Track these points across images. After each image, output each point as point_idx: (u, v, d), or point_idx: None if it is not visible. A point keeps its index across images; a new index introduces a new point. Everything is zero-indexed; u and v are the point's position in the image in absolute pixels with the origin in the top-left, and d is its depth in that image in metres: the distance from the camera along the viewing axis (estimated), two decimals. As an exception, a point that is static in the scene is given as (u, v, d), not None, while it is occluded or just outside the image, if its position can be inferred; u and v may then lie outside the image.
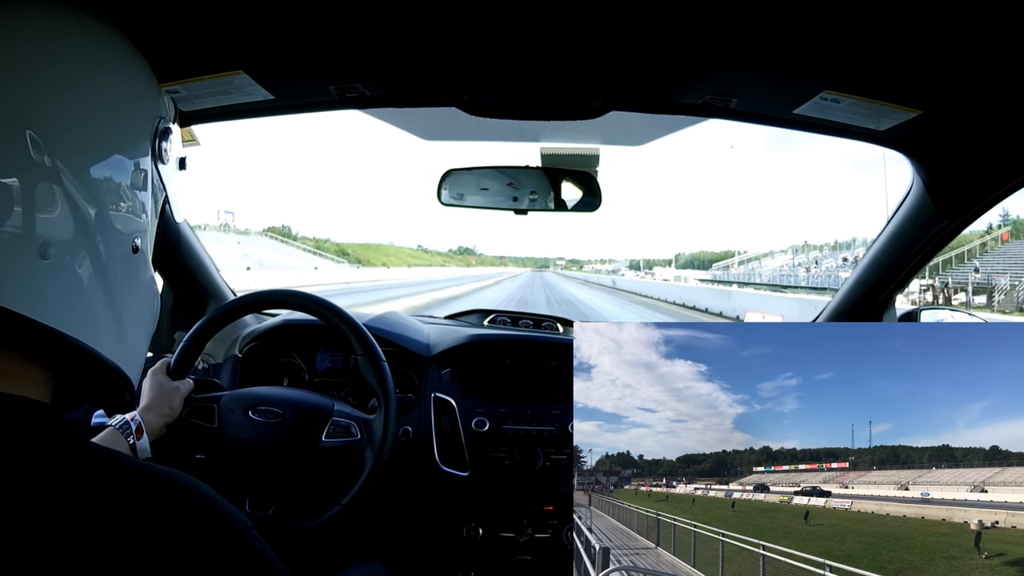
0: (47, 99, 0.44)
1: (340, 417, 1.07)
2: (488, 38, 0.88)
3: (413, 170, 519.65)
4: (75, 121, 0.46)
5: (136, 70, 0.53)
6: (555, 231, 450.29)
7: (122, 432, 0.92)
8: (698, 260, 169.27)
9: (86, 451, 0.43)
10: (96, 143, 0.48)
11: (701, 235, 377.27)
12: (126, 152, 0.51)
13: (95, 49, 0.49)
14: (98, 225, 0.47)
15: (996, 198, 1.12)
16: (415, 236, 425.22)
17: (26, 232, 0.42)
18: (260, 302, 1.18)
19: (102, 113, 0.49)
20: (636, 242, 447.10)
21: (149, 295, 0.56)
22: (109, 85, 0.50)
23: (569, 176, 1.33)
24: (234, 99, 1.06)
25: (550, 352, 1.46)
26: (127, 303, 0.51)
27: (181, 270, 1.44)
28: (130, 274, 0.52)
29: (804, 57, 0.88)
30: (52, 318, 0.43)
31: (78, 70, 0.47)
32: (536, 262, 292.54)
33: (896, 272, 1.41)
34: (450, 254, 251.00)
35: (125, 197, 0.50)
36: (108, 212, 0.48)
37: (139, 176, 0.52)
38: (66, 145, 0.44)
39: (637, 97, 1.07)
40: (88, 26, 0.49)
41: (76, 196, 0.45)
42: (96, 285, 0.47)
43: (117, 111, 0.50)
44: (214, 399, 1.07)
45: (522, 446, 1.32)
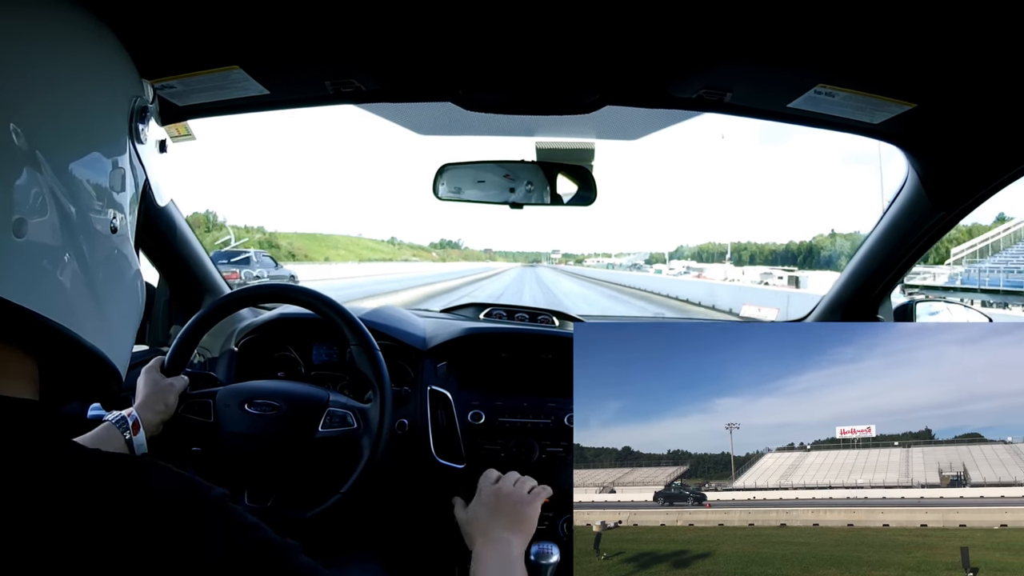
0: (14, 76, 0.43)
1: (336, 407, 1.08)
2: (483, 32, 0.88)
3: (389, 161, 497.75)
4: (46, 97, 0.45)
5: (109, 47, 0.52)
6: (548, 223, 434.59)
7: (118, 427, 0.92)
8: (705, 252, 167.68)
9: (70, 454, 0.43)
10: (68, 119, 0.47)
11: (704, 227, 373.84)
12: (100, 128, 0.50)
13: (62, 26, 0.48)
14: (75, 206, 0.46)
15: (991, 190, 1.12)
16: (389, 228, 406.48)
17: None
18: (254, 296, 1.18)
19: (74, 87, 0.47)
20: (635, 234, 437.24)
21: (131, 280, 0.55)
22: (79, 59, 0.49)
23: (564, 170, 1.33)
24: (229, 94, 1.06)
25: (546, 345, 1.47)
26: (108, 288, 0.50)
27: (177, 263, 1.44)
28: (111, 257, 0.50)
29: (798, 50, 0.88)
30: (30, 301, 0.42)
31: (43, 47, 0.46)
32: (527, 256, 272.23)
33: (891, 265, 1.42)
34: (430, 248, 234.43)
35: (100, 175, 0.49)
36: (83, 191, 0.47)
37: (114, 153, 0.51)
38: (37, 123, 0.44)
39: (632, 91, 1.07)
40: (59, 7, 0.48)
41: (50, 174, 0.44)
42: (75, 267, 0.46)
43: (89, 86, 0.49)
44: (210, 394, 1.07)
45: (518, 439, 1.33)
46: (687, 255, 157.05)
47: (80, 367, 0.50)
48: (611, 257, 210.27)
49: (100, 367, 0.50)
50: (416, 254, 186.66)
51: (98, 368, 0.50)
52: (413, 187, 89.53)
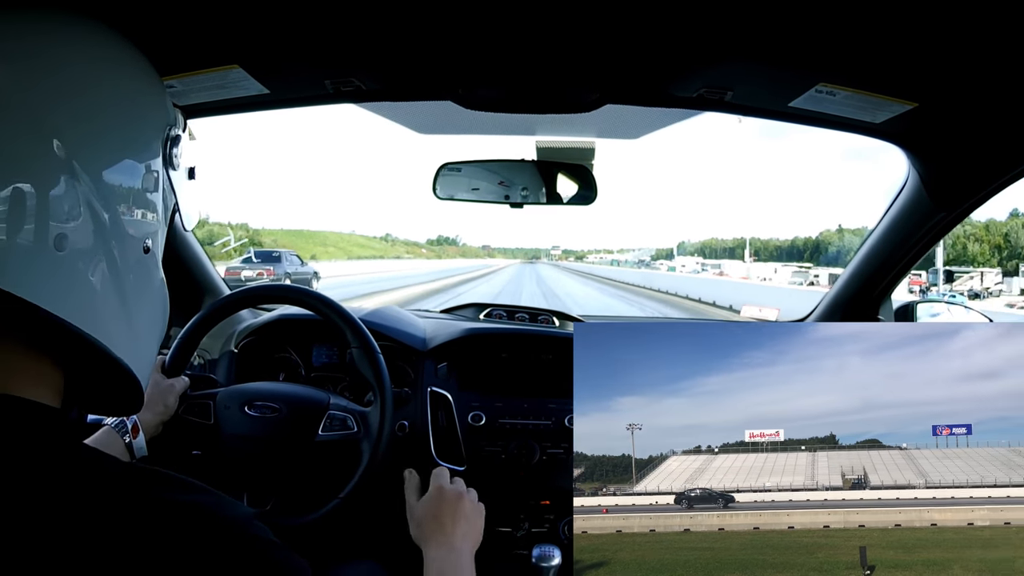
0: (66, 104, 0.45)
1: (336, 410, 1.07)
2: (483, 31, 0.87)
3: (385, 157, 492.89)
4: (92, 125, 0.47)
5: (147, 76, 0.55)
6: (548, 220, 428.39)
7: (118, 431, 0.92)
8: (709, 248, 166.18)
9: (87, 460, 0.44)
10: (111, 147, 0.49)
11: (706, 223, 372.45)
12: (139, 155, 0.53)
13: (108, 56, 0.51)
14: (112, 225, 0.48)
15: (992, 191, 1.12)
16: (385, 225, 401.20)
17: (41, 225, 0.43)
18: (254, 297, 1.18)
19: (117, 117, 0.50)
20: (635, 231, 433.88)
21: (160, 297, 0.58)
22: (124, 90, 0.51)
23: (564, 169, 1.33)
24: (229, 93, 1.06)
25: (547, 346, 1.46)
26: (139, 304, 0.52)
27: (177, 265, 1.44)
28: (142, 275, 0.53)
29: (799, 49, 0.88)
30: (65, 313, 0.44)
31: (95, 77, 0.49)
32: (526, 253, 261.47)
33: (892, 265, 1.41)
34: (427, 245, 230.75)
35: (138, 199, 0.52)
36: (122, 213, 0.49)
37: (151, 179, 0.54)
38: (83, 148, 0.46)
39: (633, 90, 1.07)
40: (99, 34, 0.51)
41: (91, 196, 0.46)
42: (109, 283, 0.48)
43: (131, 115, 0.52)
44: (210, 396, 1.07)
45: (519, 440, 1.32)
46: (690, 251, 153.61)
47: (105, 380, 0.52)
48: (613, 253, 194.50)
49: (124, 379, 0.52)
50: (410, 251, 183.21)
51: (122, 380, 0.52)
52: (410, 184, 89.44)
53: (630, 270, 70.14)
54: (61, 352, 0.48)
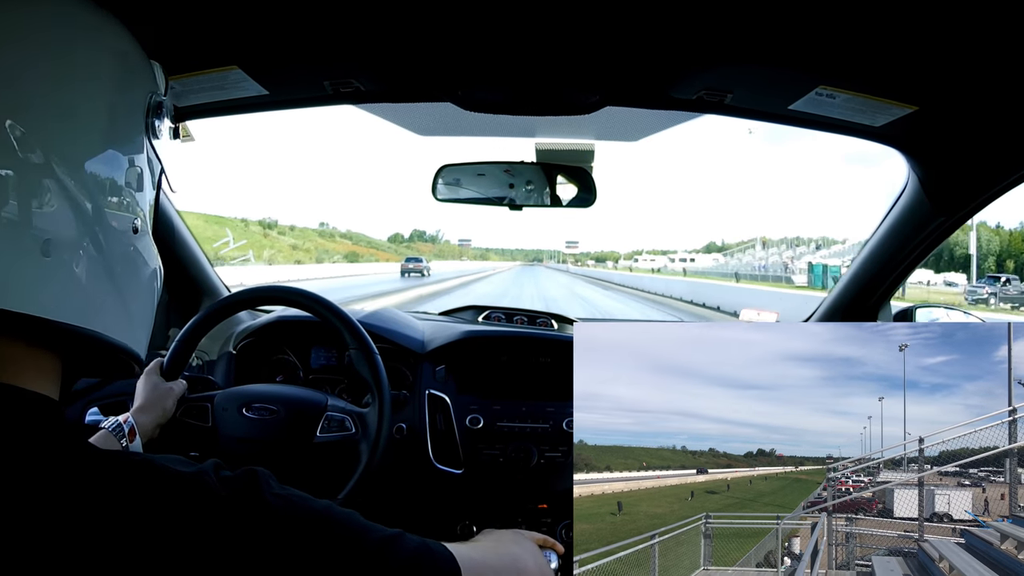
0: (34, 88, 0.42)
1: (334, 412, 1.07)
2: (483, 33, 0.87)
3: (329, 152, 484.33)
4: (66, 108, 0.44)
5: (125, 44, 0.52)
6: (549, 218, 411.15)
7: (115, 434, 0.91)
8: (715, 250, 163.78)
9: (88, 452, 0.43)
10: (89, 129, 0.46)
11: (711, 225, 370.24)
12: (120, 135, 0.50)
13: (80, 23, 0.47)
14: (97, 214, 0.46)
15: (992, 195, 1.12)
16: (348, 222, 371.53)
17: (25, 231, 0.41)
18: (253, 299, 1.17)
19: (94, 97, 0.47)
20: (642, 232, 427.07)
21: (151, 271, 0.56)
22: (100, 65, 0.48)
23: (564, 172, 1.33)
24: (228, 94, 1.05)
25: (545, 349, 1.46)
26: (131, 284, 0.51)
27: (176, 266, 1.43)
28: (132, 255, 0.51)
29: (799, 52, 0.88)
30: (59, 311, 0.43)
31: (68, 53, 0.45)
32: (526, 255, 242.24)
33: (891, 270, 1.41)
34: (394, 243, 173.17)
35: (122, 181, 0.49)
36: (106, 200, 0.47)
37: (134, 157, 0.51)
38: (57, 134, 0.43)
39: (633, 92, 1.07)
40: (70, 3, 0.47)
41: (72, 186, 0.44)
42: (100, 272, 0.47)
43: (109, 93, 0.49)
44: (208, 398, 1.06)
45: (517, 443, 1.32)
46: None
47: (102, 357, 0.51)
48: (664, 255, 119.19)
49: (122, 355, 0.51)
50: (371, 252, 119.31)
51: (120, 356, 0.51)
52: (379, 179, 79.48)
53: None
54: (58, 342, 0.47)
